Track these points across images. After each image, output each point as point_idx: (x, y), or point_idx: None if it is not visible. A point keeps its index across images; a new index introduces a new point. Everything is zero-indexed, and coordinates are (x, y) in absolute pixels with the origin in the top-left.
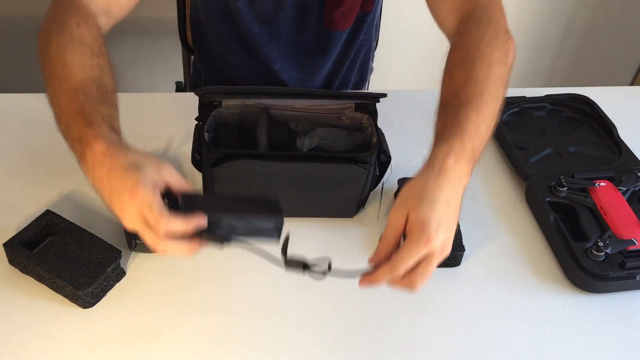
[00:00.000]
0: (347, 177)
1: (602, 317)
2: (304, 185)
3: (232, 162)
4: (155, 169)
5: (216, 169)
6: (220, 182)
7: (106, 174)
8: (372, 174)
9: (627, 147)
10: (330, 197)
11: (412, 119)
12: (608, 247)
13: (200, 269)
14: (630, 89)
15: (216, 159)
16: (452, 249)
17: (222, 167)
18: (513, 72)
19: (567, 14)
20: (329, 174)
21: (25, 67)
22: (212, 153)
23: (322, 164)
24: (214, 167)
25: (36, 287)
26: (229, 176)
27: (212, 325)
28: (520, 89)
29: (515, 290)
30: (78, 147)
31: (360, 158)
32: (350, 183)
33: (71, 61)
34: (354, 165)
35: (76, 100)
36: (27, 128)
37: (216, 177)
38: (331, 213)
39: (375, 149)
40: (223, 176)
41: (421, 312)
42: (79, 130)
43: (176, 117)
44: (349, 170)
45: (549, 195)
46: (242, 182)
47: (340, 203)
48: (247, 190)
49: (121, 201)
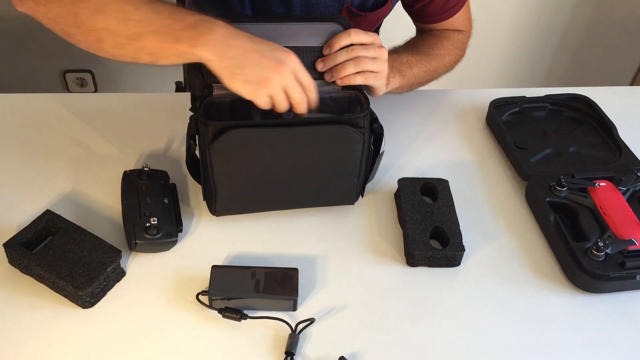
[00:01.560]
0: (343, 144)
1: (602, 317)
2: (301, 154)
3: (230, 133)
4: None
5: (214, 145)
6: (219, 159)
7: (247, 40)
8: (367, 143)
9: (627, 147)
10: (328, 173)
11: (412, 119)
12: (608, 247)
13: (200, 268)
14: (630, 89)
15: (214, 134)
16: (452, 249)
17: (220, 141)
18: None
19: (567, 14)
20: (324, 139)
21: (25, 67)
22: (210, 127)
23: (318, 127)
24: (212, 142)
25: (36, 287)
26: (227, 150)
27: (212, 325)
28: (520, 89)
29: (515, 290)
30: (193, 32)
31: (354, 120)
32: (346, 152)
33: None
34: (349, 127)
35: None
36: (27, 128)
37: (214, 153)
38: (332, 199)
39: (368, 111)
40: (221, 151)
41: (421, 312)
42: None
43: (176, 117)
44: (344, 134)
45: (549, 195)
46: (240, 155)
47: (339, 181)
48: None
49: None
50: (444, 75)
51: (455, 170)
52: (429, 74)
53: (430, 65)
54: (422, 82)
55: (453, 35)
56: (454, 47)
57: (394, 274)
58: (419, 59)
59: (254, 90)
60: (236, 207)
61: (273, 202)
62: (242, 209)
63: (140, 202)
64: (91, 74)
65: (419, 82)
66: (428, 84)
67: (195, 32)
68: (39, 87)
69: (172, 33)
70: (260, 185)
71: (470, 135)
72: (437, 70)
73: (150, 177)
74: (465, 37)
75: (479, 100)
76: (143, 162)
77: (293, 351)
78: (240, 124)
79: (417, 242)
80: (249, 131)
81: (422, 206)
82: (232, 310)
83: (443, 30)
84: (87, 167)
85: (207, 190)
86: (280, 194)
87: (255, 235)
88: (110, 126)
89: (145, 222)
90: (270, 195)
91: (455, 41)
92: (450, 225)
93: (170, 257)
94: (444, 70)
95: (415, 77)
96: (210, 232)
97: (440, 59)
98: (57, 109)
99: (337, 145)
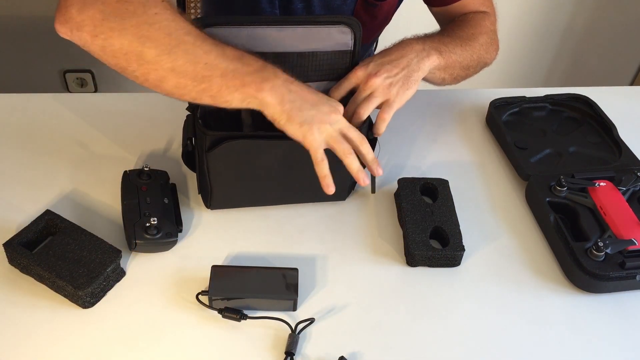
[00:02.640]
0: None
1: (602, 317)
2: (297, 161)
3: (228, 144)
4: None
5: (212, 153)
6: (216, 164)
7: (305, 89)
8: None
9: (627, 147)
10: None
11: (413, 119)
12: (608, 247)
13: (200, 268)
14: (630, 89)
15: (212, 142)
16: (452, 249)
17: (218, 150)
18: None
19: (567, 14)
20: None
21: (25, 67)
22: (208, 137)
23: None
24: (210, 150)
25: (36, 287)
26: (224, 158)
27: (212, 325)
28: (520, 89)
29: (515, 290)
30: (259, 77)
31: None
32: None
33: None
34: None
35: (228, 49)
36: (27, 128)
37: (212, 160)
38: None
39: (365, 123)
40: (219, 159)
41: (421, 312)
42: (256, 65)
43: (176, 117)
44: None
45: (549, 195)
46: (237, 161)
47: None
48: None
49: (332, 106)
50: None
51: (455, 170)
52: (470, 58)
53: (468, 47)
54: (465, 65)
55: (478, 18)
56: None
57: (394, 274)
58: (452, 39)
59: (307, 130)
60: (231, 202)
61: (267, 199)
62: (237, 204)
63: (140, 202)
64: (91, 74)
65: (462, 64)
66: (473, 74)
67: (260, 77)
68: (39, 87)
69: (240, 77)
70: (256, 185)
71: (470, 135)
72: (479, 54)
73: (150, 177)
74: (492, 21)
75: (479, 100)
76: (143, 162)
77: (293, 351)
78: (237, 134)
79: (417, 242)
80: (246, 142)
81: (422, 206)
82: (232, 310)
83: (467, 14)
84: (87, 167)
85: (203, 187)
86: (276, 191)
87: (255, 235)
88: (110, 126)
89: (145, 222)
90: (265, 193)
91: (484, 26)
92: (450, 225)
93: (170, 257)
94: (484, 55)
95: (457, 56)
96: (210, 232)
97: (475, 41)
98: (57, 109)
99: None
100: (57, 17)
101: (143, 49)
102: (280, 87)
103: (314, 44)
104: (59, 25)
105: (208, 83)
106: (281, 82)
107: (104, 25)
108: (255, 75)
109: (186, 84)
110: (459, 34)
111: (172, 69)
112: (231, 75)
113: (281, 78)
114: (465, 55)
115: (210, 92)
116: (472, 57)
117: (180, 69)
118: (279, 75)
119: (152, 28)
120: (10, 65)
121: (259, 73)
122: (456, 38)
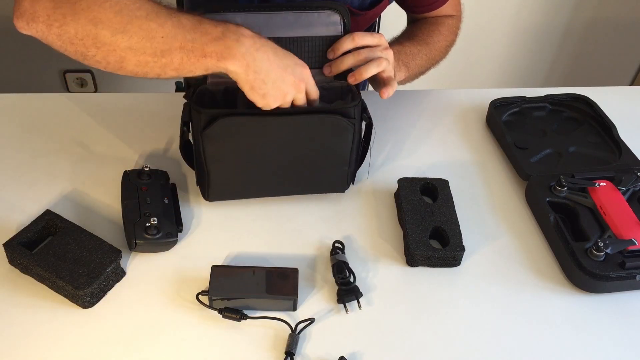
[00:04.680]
0: (333, 133)
1: (602, 317)
2: (293, 141)
3: (222, 120)
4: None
5: (206, 131)
6: (212, 145)
7: (272, 53)
8: (358, 133)
9: (627, 147)
10: (320, 162)
11: (412, 119)
12: (608, 247)
13: (200, 268)
14: (630, 89)
15: (206, 121)
16: (452, 249)
17: (213, 128)
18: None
19: (567, 14)
20: (315, 128)
21: (25, 67)
22: (203, 114)
23: (309, 115)
24: (205, 129)
25: (36, 287)
26: (219, 137)
27: (212, 325)
28: (520, 89)
29: (515, 290)
30: (220, 46)
31: (345, 111)
32: (336, 141)
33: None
34: (340, 117)
35: (183, 18)
36: (27, 128)
37: (207, 140)
38: (323, 186)
39: (359, 101)
40: (214, 139)
41: (421, 312)
42: (215, 32)
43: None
44: (335, 122)
45: (549, 195)
46: (232, 142)
47: (330, 170)
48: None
49: (298, 75)
50: (441, 61)
51: (455, 170)
52: (429, 63)
53: (430, 54)
54: (423, 71)
55: (447, 21)
56: (449, 32)
57: (394, 274)
58: (420, 48)
59: (268, 102)
60: (229, 193)
61: (266, 189)
62: (235, 194)
63: (140, 202)
64: (91, 74)
65: (421, 72)
66: (427, 73)
67: (222, 46)
68: (39, 87)
69: (200, 48)
70: (253, 172)
71: (470, 135)
72: (436, 58)
73: (150, 177)
74: (457, 21)
75: (479, 100)
76: (143, 162)
77: (293, 351)
78: (232, 112)
79: (417, 242)
80: (241, 119)
81: (422, 206)
82: (232, 310)
83: (437, 17)
84: (87, 167)
85: (200, 176)
86: (273, 180)
87: (255, 235)
88: (110, 126)
89: (145, 222)
90: (263, 182)
91: (450, 26)
92: (450, 225)
93: (170, 257)
94: (441, 57)
95: (418, 68)
96: (210, 232)
97: (438, 46)
98: (57, 109)
99: (327, 133)
100: (14, 12)
101: (97, 31)
102: (244, 55)
103: (305, 29)
104: (16, 20)
105: (168, 57)
106: (245, 50)
107: (56, 12)
108: (216, 44)
109: (147, 60)
110: (427, 41)
111: (130, 48)
112: (190, 46)
113: (245, 45)
114: (427, 64)
115: (172, 66)
116: (432, 63)
117: (138, 46)
118: (242, 41)
119: (102, 8)
120: (10, 65)
121: (221, 41)
122: (424, 47)
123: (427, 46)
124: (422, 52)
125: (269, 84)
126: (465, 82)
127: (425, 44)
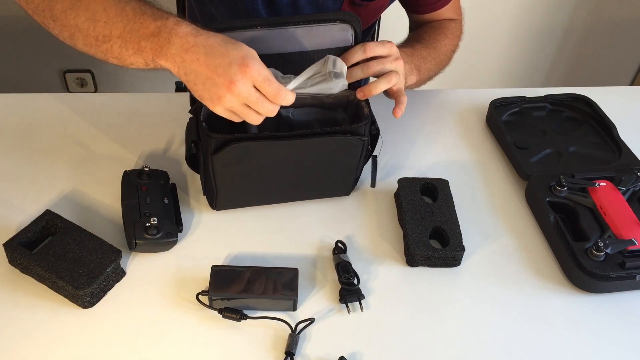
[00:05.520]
0: (343, 150)
1: (602, 317)
2: (303, 161)
3: (234, 146)
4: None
5: (217, 156)
6: (222, 167)
7: (203, 53)
8: (366, 146)
9: (627, 147)
10: (327, 174)
11: (413, 119)
12: (608, 247)
13: (200, 268)
14: (630, 89)
15: (217, 145)
16: (452, 249)
17: (223, 153)
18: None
19: (567, 14)
20: (326, 148)
21: (25, 67)
22: (213, 140)
23: (320, 138)
24: (215, 153)
25: (36, 287)
26: (230, 161)
27: (212, 325)
28: (520, 89)
29: (515, 290)
30: (153, 43)
31: (355, 130)
32: (345, 156)
33: None
34: (350, 137)
35: (128, 6)
36: (27, 128)
37: (217, 163)
38: (328, 192)
39: (369, 119)
40: (224, 161)
41: (421, 312)
42: (151, 27)
43: (176, 117)
44: (346, 142)
45: (549, 195)
46: (242, 163)
47: (337, 179)
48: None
49: (229, 76)
50: (446, 67)
51: (455, 170)
52: (437, 67)
53: (438, 59)
54: (432, 76)
55: (450, 25)
56: (453, 36)
57: (394, 274)
58: (429, 52)
59: (210, 106)
60: (236, 202)
61: (272, 197)
62: (242, 204)
63: (140, 202)
64: (91, 74)
65: (429, 76)
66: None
67: (155, 43)
68: (39, 87)
69: (135, 40)
70: (262, 186)
71: (470, 135)
72: (443, 63)
73: (150, 177)
74: (459, 25)
75: (479, 100)
76: (143, 162)
77: (293, 351)
78: (243, 137)
79: (417, 242)
80: (252, 144)
81: (422, 206)
82: (232, 310)
83: (440, 21)
84: (87, 167)
85: (208, 190)
86: (280, 191)
87: (255, 235)
88: (110, 126)
89: (145, 222)
90: (269, 192)
91: (454, 30)
92: (450, 225)
93: (170, 257)
94: (447, 62)
95: (427, 72)
96: (210, 232)
97: (444, 50)
98: (57, 109)
99: (337, 152)
100: None
101: (52, 3)
102: (174, 56)
103: (315, 42)
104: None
105: (109, 43)
106: (174, 50)
107: None
108: (149, 40)
109: (91, 42)
110: (435, 45)
111: (76, 26)
112: (128, 37)
113: (175, 45)
114: (436, 69)
115: (113, 54)
116: (440, 68)
117: (82, 27)
118: (173, 41)
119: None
120: (10, 65)
121: (154, 38)
122: (433, 51)
123: (435, 50)
124: (431, 55)
125: (199, 85)
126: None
127: (433, 48)
